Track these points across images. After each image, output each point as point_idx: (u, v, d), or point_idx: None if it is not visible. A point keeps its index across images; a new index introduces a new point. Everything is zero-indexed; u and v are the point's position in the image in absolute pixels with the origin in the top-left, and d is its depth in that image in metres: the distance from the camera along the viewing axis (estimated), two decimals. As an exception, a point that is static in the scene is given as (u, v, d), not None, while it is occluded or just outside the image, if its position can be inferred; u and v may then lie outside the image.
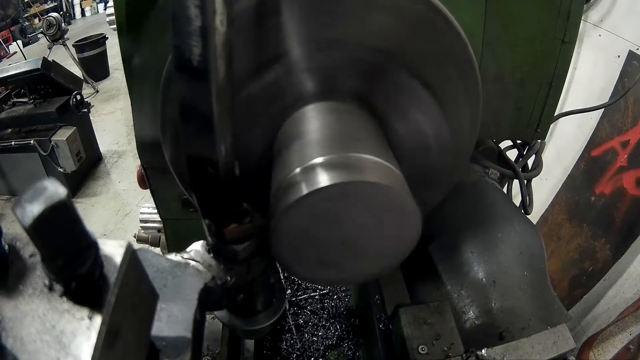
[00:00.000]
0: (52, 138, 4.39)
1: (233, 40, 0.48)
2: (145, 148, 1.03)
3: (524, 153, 1.43)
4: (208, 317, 0.98)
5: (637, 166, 2.20)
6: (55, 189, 0.32)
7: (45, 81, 4.62)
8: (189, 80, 0.46)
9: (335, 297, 1.61)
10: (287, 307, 1.57)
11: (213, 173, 0.50)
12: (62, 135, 4.44)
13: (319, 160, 0.57)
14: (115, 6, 0.85)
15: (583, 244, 2.51)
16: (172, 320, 0.51)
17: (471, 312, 1.06)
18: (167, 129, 0.78)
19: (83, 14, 14.13)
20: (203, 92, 0.47)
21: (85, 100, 4.94)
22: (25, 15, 11.43)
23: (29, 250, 0.39)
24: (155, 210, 1.34)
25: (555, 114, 1.18)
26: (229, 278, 0.58)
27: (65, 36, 7.08)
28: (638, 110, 2.23)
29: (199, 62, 0.45)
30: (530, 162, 1.46)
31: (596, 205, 2.46)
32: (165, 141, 0.81)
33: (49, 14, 7.28)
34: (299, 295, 1.61)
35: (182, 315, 0.52)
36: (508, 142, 1.46)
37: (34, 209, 0.31)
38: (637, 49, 2.23)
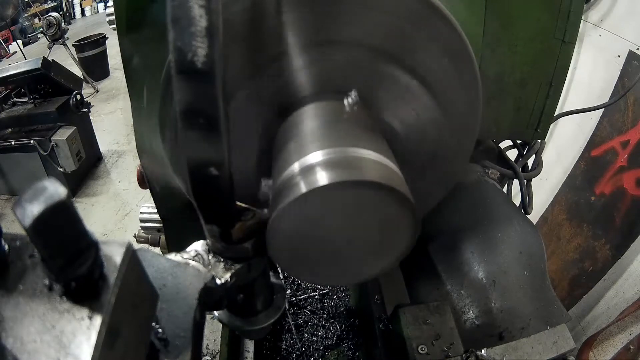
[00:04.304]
0: (52, 138, 4.40)
1: (227, 41, 0.48)
2: (145, 148, 1.03)
3: (524, 153, 1.43)
4: (208, 317, 0.98)
5: (637, 166, 2.20)
6: (55, 189, 0.32)
7: (45, 81, 4.63)
8: (193, 82, 0.45)
9: (335, 297, 1.61)
10: (287, 307, 1.57)
11: (218, 175, 0.50)
12: (62, 135, 4.44)
13: (317, 159, 0.57)
14: (115, 6, 0.85)
15: (583, 244, 2.51)
16: (172, 320, 0.51)
17: (471, 312, 1.06)
18: (166, 129, 0.78)
19: (83, 13, 14.15)
20: (209, 94, 0.46)
21: (85, 100, 4.95)
22: (25, 15, 11.43)
23: (29, 250, 0.39)
24: (155, 210, 1.34)
25: (555, 114, 1.18)
26: (229, 278, 0.58)
27: (65, 36, 7.09)
28: (638, 110, 2.23)
29: (204, 63, 0.45)
30: (530, 162, 1.46)
31: (596, 205, 2.46)
32: (165, 141, 0.81)
33: (49, 14, 7.29)
34: (299, 295, 1.61)
35: (182, 315, 0.52)
36: (508, 142, 1.46)
37: (34, 209, 0.31)
38: (637, 49, 2.23)
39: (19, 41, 10.04)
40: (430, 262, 1.17)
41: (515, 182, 1.42)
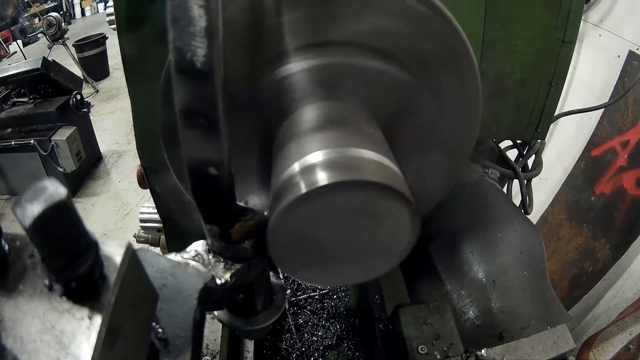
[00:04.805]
0: (52, 138, 4.40)
1: (227, 41, 0.48)
2: (145, 148, 1.03)
3: (524, 153, 1.43)
4: (208, 317, 0.98)
5: (637, 166, 2.20)
6: (55, 189, 0.32)
7: (45, 81, 4.63)
8: (192, 82, 0.45)
9: (335, 297, 1.61)
10: (287, 307, 1.57)
11: (217, 175, 0.50)
12: (62, 135, 4.44)
13: (317, 159, 0.57)
14: (115, 6, 0.85)
15: (583, 244, 2.51)
16: (172, 320, 0.51)
17: (471, 312, 1.06)
18: (166, 129, 0.78)
19: (83, 13, 14.16)
20: (208, 93, 0.46)
21: (85, 100, 4.95)
22: (25, 15, 11.43)
23: (29, 250, 0.39)
24: (155, 210, 1.34)
25: (555, 114, 1.18)
26: (229, 278, 0.58)
27: (65, 36, 7.09)
28: (638, 110, 2.23)
29: (204, 63, 0.45)
30: (530, 162, 1.46)
31: (596, 205, 2.46)
32: (165, 142, 0.81)
33: (49, 14, 7.29)
34: (299, 295, 1.62)
35: (182, 315, 0.52)
36: (508, 142, 1.46)
37: (34, 209, 0.31)
38: (637, 49, 2.23)
39: (19, 41, 10.04)
40: (430, 262, 1.17)
41: (515, 182, 1.42)
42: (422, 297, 1.16)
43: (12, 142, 4.42)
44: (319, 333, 1.49)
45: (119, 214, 4.69)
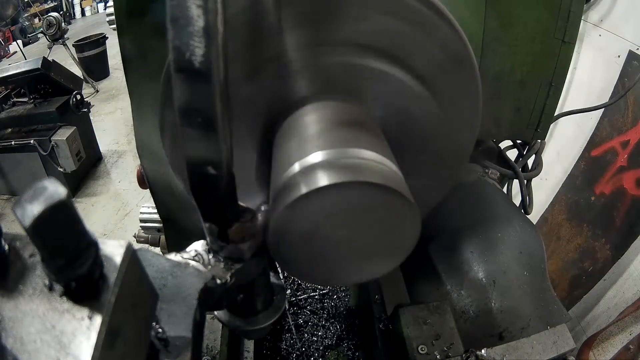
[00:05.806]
0: (52, 138, 4.40)
1: (228, 40, 0.48)
2: (145, 148, 1.03)
3: (524, 153, 1.43)
4: (208, 317, 0.98)
5: (637, 166, 2.20)
6: (55, 189, 0.32)
7: (45, 81, 4.63)
8: (190, 81, 0.46)
9: (335, 297, 1.61)
10: (287, 307, 1.57)
11: (215, 175, 0.50)
12: (62, 135, 4.44)
13: (318, 159, 0.57)
14: (115, 6, 0.85)
15: (583, 244, 2.51)
16: (172, 320, 0.51)
17: (471, 312, 1.06)
18: (166, 129, 0.78)
19: (83, 13, 14.18)
20: (205, 93, 0.46)
21: (85, 100, 4.95)
22: (25, 15, 11.43)
23: (29, 250, 0.39)
24: (155, 210, 1.34)
25: (555, 114, 1.18)
26: (229, 278, 0.58)
27: (65, 36, 7.09)
28: (638, 110, 2.23)
29: (202, 62, 0.45)
30: (530, 162, 1.46)
31: (596, 205, 2.46)
32: (165, 141, 0.81)
33: (49, 14, 7.29)
34: (299, 295, 1.62)
35: (182, 315, 0.52)
36: (508, 142, 1.46)
37: (34, 209, 0.31)
38: (637, 49, 2.23)
39: (19, 41, 10.03)
40: (430, 262, 1.17)
41: (515, 182, 1.42)
42: (422, 297, 1.16)
43: (12, 142, 4.42)
44: (319, 333, 1.49)
45: (119, 214, 4.69)
